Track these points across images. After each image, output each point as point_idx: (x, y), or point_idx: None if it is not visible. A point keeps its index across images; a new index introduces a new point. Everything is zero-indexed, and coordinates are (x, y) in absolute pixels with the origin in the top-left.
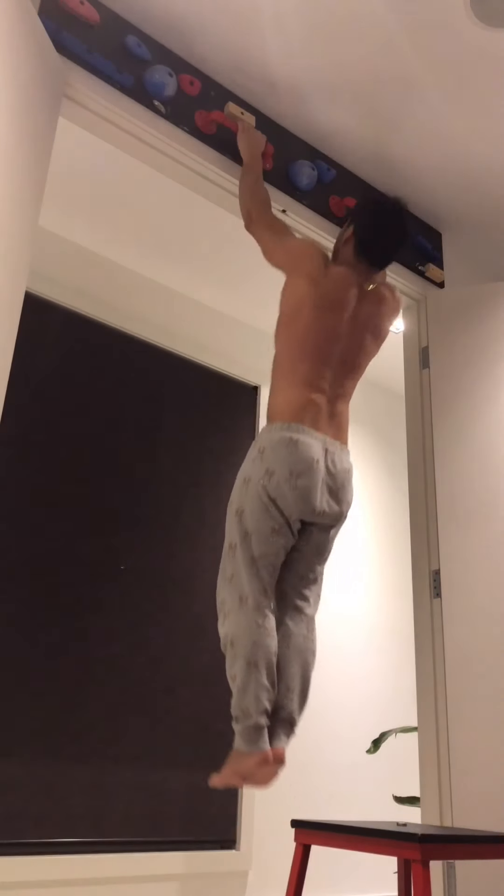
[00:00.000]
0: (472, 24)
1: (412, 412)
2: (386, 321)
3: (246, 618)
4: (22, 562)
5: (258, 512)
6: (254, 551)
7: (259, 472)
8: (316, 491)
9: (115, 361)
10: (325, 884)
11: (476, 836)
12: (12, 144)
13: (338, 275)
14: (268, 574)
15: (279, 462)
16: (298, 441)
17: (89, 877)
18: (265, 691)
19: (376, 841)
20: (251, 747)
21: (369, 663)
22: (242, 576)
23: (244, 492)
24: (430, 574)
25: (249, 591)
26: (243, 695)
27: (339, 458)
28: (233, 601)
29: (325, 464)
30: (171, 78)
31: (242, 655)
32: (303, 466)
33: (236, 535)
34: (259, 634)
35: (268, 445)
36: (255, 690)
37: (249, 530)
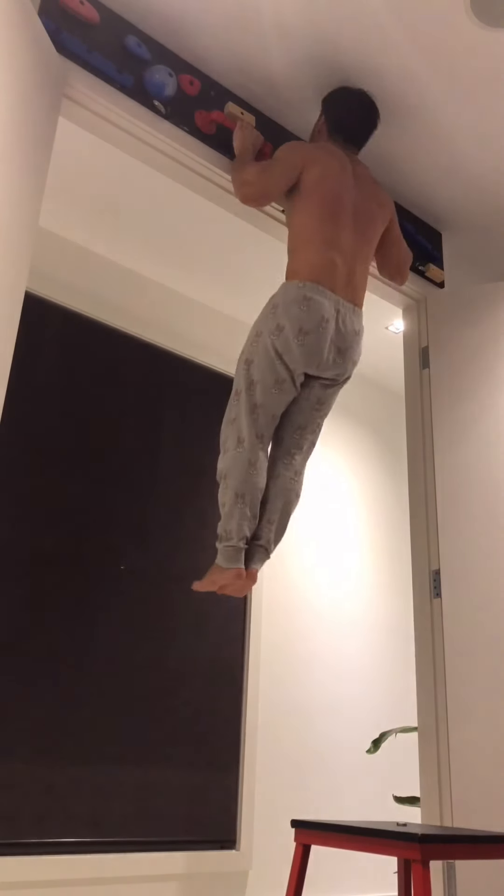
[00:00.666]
0: (472, 24)
1: (412, 412)
2: (381, 191)
3: (241, 457)
4: (22, 562)
5: (264, 364)
6: (256, 399)
7: (270, 327)
8: (323, 348)
9: (114, 361)
10: (325, 884)
11: (476, 836)
12: (12, 144)
13: (324, 148)
14: (265, 422)
15: (290, 319)
16: (311, 300)
17: (89, 877)
18: (247, 520)
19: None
20: (229, 564)
21: (369, 663)
22: (243, 420)
23: (255, 344)
24: (430, 574)
25: (247, 435)
26: (228, 520)
27: (350, 319)
28: (232, 441)
29: (336, 323)
30: (171, 78)
31: (232, 487)
32: (312, 325)
33: (242, 382)
34: (249, 472)
35: (281, 302)
36: (238, 518)
37: (255, 380)
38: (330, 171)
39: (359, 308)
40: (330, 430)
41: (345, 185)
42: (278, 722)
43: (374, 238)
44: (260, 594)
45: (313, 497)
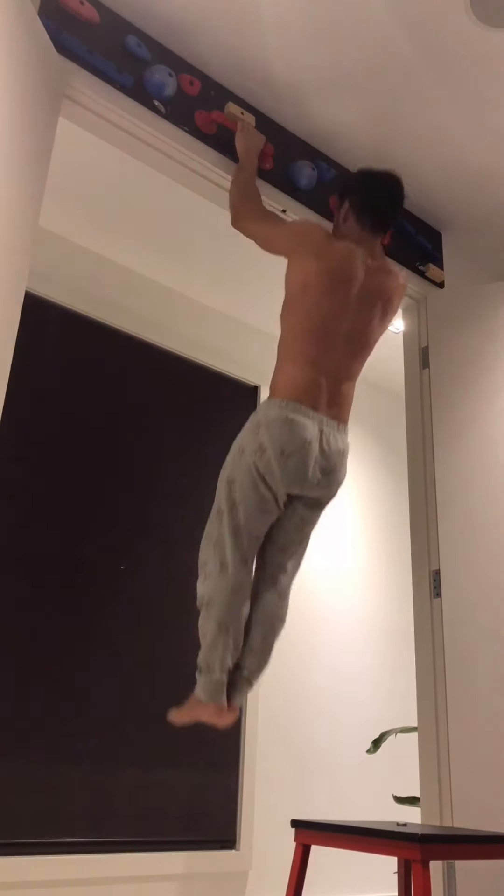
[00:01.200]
0: (472, 24)
1: (412, 412)
2: (394, 294)
3: (224, 583)
4: (22, 562)
5: (247, 485)
6: (239, 521)
7: (253, 447)
8: (307, 469)
9: (114, 361)
10: (325, 884)
11: (476, 836)
12: (12, 144)
13: (343, 248)
14: (249, 544)
15: (272, 440)
16: (294, 421)
17: (89, 877)
18: (230, 651)
19: (376, 841)
20: (210, 699)
21: (369, 663)
22: (226, 542)
23: (237, 462)
24: (430, 574)
25: (230, 559)
26: (211, 652)
27: (334, 438)
28: (214, 564)
29: (320, 444)
30: (171, 78)
31: (215, 617)
32: (294, 447)
33: (224, 502)
34: (233, 600)
35: (264, 421)
36: (221, 651)
37: (237, 501)
38: (332, 283)
39: (344, 425)
40: None
41: (345, 302)
42: (278, 722)
43: (365, 355)
44: None
45: None
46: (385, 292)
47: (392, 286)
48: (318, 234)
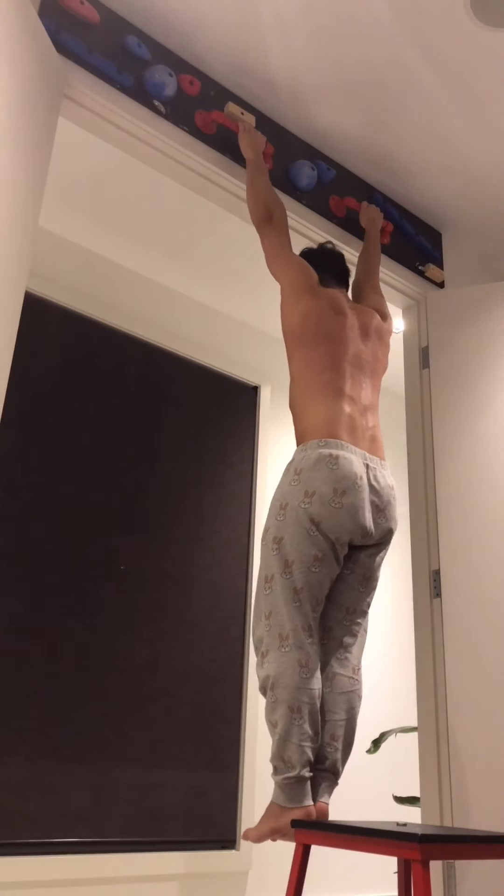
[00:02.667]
0: (472, 24)
1: (412, 412)
2: (385, 329)
3: (288, 658)
4: (22, 562)
5: (300, 538)
6: (296, 583)
7: (298, 496)
8: (364, 509)
9: (115, 361)
10: (325, 884)
11: (476, 836)
12: (12, 144)
13: (328, 290)
14: (311, 608)
15: (320, 481)
16: (339, 457)
17: (89, 877)
18: (309, 740)
19: (376, 841)
20: (293, 803)
21: (369, 663)
22: (282, 611)
23: (282, 518)
24: (430, 574)
25: (291, 629)
26: (285, 744)
27: (381, 473)
28: (272, 639)
29: (369, 480)
30: (171, 78)
31: (284, 700)
32: (347, 483)
33: (275, 566)
34: (302, 677)
35: (305, 466)
36: (298, 740)
37: (290, 559)
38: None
39: (384, 461)
40: None
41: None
42: None
43: (378, 382)
44: None
45: None
46: (376, 327)
47: (377, 321)
48: (314, 276)
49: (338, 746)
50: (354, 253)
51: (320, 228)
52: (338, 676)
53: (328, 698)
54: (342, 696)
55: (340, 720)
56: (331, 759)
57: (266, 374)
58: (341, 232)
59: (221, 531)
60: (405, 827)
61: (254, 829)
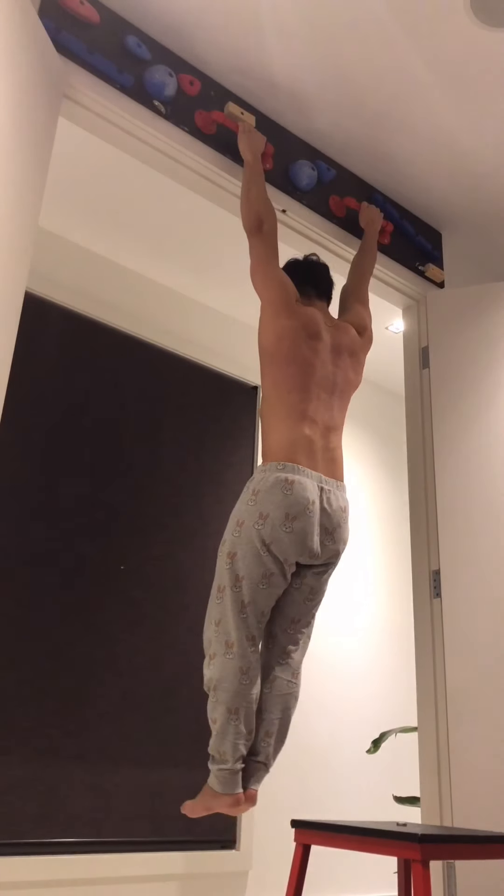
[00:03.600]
0: (472, 24)
1: (412, 412)
2: (358, 348)
3: (231, 665)
4: (22, 562)
5: (250, 557)
6: (244, 597)
7: (253, 517)
8: (313, 533)
9: (115, 361)
10: (325, 884)
11: (476, 836)
12: (12, 145)
13: (308, 311)
14: (256, 620)
15: (274, 505)
16: (294, 482)
17: (89, 877)
18: (242, 738)
19: (376, 841)
20: (225, 790)
21: (369, 663)
22: (230, 621)
23: (237, 535)
24: (430, 574)
25: (236, 638)
26: (222, 740)
27: (334, 496)
28: (218, 645)
29: (321, 503)
30: (171, 78)
31: (224, 702)
32: (298, 509)
33: (226, 578)
34: (242, 684)
35: (262, 488)
36: (233, 738)
37: (241, 575)
38: (301, 339)
39: (341, 483)
40: None
41: (319, 354)
42: None
43: (346, 404)
44: None
45: None
46: (348, 345)
47: (351, 338)
48: (292, 292)
49: (271, 742)
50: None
51: (320, 228)
52: (278, 679)
53: (267, 698)
54: (280, 698)
55: (275, 718)
56: (264, 752)
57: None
58: (341, 232)
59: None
60: (405, 827)
61: (189, 807)
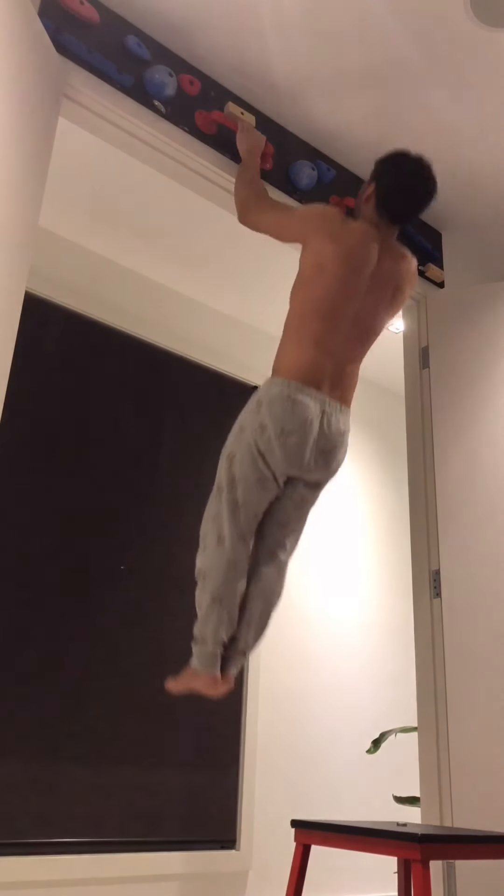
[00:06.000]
0: (472, 24)
1: (412, 412)
2: (406, 281)
3: (220, 558)
4: (22, 562)
5: (247, 462)
6: (238, 498)
7: (253, 425)
8: (305, 450)
9: (115, 362)
10: (325, 884)
11: (476, 836)
12: (12, 144)
13: (358, 230)
14: (247, 521)
15: (273, 419)
16: (296, 400)
17: (89, 877)
18: (224, 625)
19: (376, 841)
20: (204, 670)
21: (369, 663)
22: (224, 518)
23: (238, 440)
24: (430, 574)
25: (228, 534)
26: (205, 624)
27: (335, 419)
28: (212, 538)
29: (321, 424)
30: (171, 78)
31: (210, 590)
32: (295, 425)
33: (224, 479)
34: (228, 576)
35: (265, 400)
36: (215, 623)
37: (237, 477)
38: (344, 267)
39: (346, 407)
40: None
41: (354, 287)
42: (278, 722)
43: (371, 340)
44: None
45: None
46: (396, 277)
47: (404, 271)
48: (333, 216)
49: (251, 632)
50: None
51: None
52: (263, 575)
53: (252, 592)
54: (264, 593)
55: (257, 610)
56: (243, 640)
57: (266, 374)
58: None
59: None
60: (405, 827)
61: (172, 683)
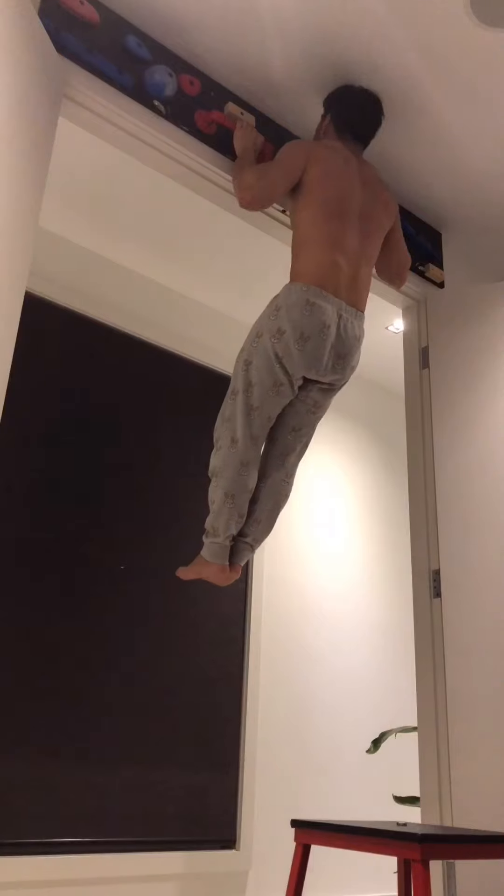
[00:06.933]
0: (472, 24)
1: (412, 412)
2: (387, 192)
3: (233, 457)
4: (22, 562)
5: (263, 367)
6: (252, 402)
7: (271, 329)
8: (323, 353)
9: (115, 361)
10: (325, 884)
11: (476, 836)
12: (12, 144)
13: (330, 147)
14: (261, 423)
15: (291, 323)
16: (315, 305)
17: (89, 877)
18: (234, 520)
19: (376, 841)
20: (214, 559)
21: (369, 663)
22: (238, 420)
23: (255, 345)
24: (430, 574)
25: (241, 435)
26: (217, 517)
27: (351, 324)
28: (225, 440)
29: (338, 329)
30: (171, 78)
31: (222, 486)
32: (313, 330)
33: (240, 383)
34: (241, 472)
35: (284, 305)
36: (226, 517)
37: (253, 382)
38: (334, 169)
39: (361, 312)
40: (330, 429)
41: (350, 184)
42: (278, 722)
43: (378, 239)
44: (260, 593)
45: (313, 497)
46: (380, 185)
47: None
48: (306, 144)
49: (260, 528)
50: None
51: None
52: (273, 477)
53: (261, 491)
54: (272, 492)
55: (266, 508)
56: (252, 535)
57: None
58: None
59: None
60: (405, 827)
61: (182, 570)
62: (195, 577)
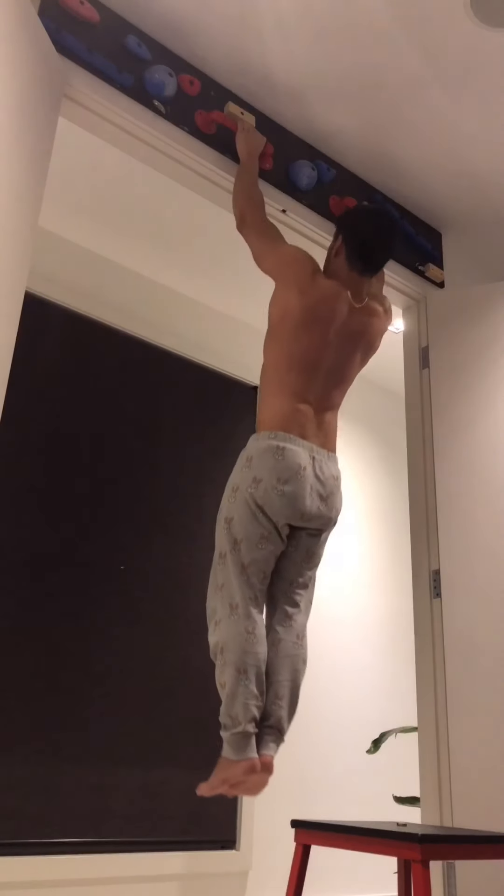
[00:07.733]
0: (472, 24)
1: (412, 412)
2: (377, 335)
3: (236, 625)
4: (22, 562)
5: (246, 519)
6: (243, 559)
7: (247, 481)
8: (304, 496)
9: (115, 361)
10: (325, 884)
11: (476, 836)
12: (12, 144)
13: (327, 287)
14: (258, 581)
15: (266, 470)
16: (285, 449)
17: (89, 877)
18: (254, 699)
19: (376, 841)
20: (239, 755)
21: (369, 663)
22: (233, 583)
23: (232, 500)
24: (430, 574)
25: (240, 599)
26: (232, 702)
27: (326, 465)
28: (223, 609)
29: (313, 471)
30: (171, 78)
31: (232, 663)
32: (289, 473)
33: (226, 543)
34: (249, 642)
35: (255, 454)
36: (243, 698)
37: (238, 538)
38: (314, 317)
39: (333, 453)
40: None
41: (325, 338)
42: None
43: (346, 386)
44: None
45: None
46: (368, 334)
47: (375, 328)
48: (306, 268)
49: (282, 705)
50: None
51: (321, 228)
52: (283, 642)
53: (274, 662)
54: (286, 660)
55: (285, 681)
56: (275, 716)
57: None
58: None
59: None
60: (405, 827)
61: (206, 784)
62: (222, 787)
